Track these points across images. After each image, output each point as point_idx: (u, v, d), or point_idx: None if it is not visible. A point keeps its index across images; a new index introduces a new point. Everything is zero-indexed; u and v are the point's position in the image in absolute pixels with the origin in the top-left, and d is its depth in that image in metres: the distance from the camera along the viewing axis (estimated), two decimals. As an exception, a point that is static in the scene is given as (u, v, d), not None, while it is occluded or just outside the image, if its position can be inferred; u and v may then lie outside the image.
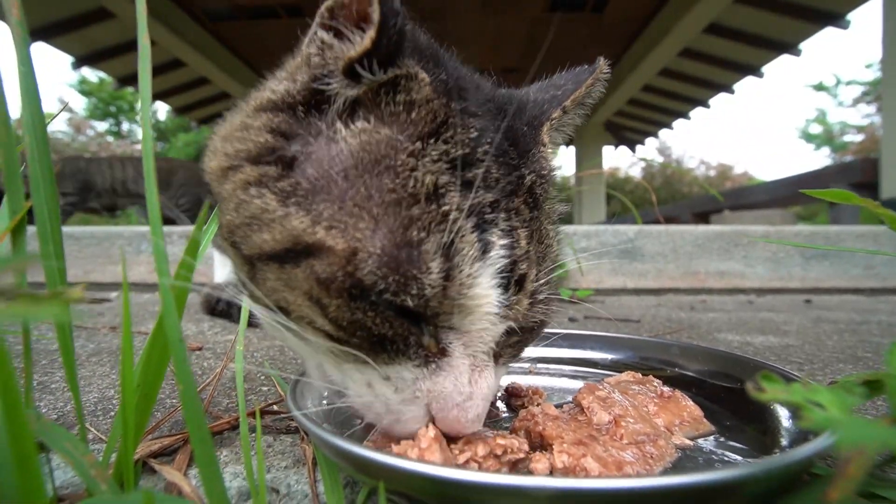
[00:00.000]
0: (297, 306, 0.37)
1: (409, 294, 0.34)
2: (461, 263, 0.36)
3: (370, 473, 0.32)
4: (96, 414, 0.56)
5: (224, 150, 0.41)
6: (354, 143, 0.38)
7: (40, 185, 0.38)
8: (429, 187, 0.36)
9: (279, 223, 0.36)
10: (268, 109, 0.41)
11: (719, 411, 0.51)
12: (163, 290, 0.33)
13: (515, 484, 0.25)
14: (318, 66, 0.40)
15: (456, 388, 0.37)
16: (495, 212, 0.38)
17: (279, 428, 0.51)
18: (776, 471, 0.25)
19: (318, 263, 0.35)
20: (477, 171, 0.38)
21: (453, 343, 0.38)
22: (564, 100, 0.50)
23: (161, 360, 0.36)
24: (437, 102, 0.38)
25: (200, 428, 0.31)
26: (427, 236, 0.35)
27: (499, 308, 0.37)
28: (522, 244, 0.39)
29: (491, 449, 0.34)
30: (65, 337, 0.35)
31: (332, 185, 0.37)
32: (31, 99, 0.38)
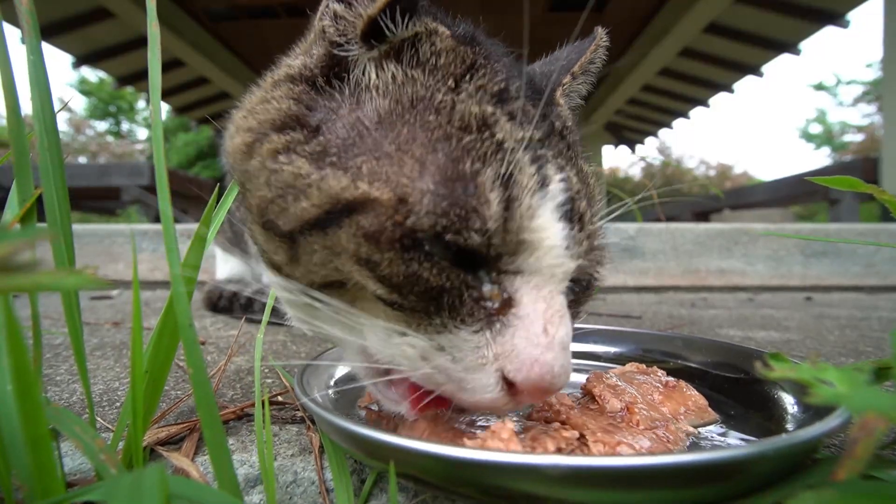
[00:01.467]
0: (349, 273, 0.35)
1: (470, 230, 0.32)
2: (521, 195, 0.33)
3: (380, 456, 0.32)
4: (101, 405, 0.56)
5: (246, 125, 0.40)
6: (385, 92, 0.37)
7: (50, 174, 0.38)
8: (477, 117, 0.35)
9: (315, 186, 0.34)
10: (287, 81, 0.41)
11: (724, 401, 0.51)
12: (173, 273, 0.33)
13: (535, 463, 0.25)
14: (335, 35, 0.39)
15: (530, 342, 0.32)
16: (546, 148, 0.37)
17: (285, 418, 0.51)
18: (786, 449, 0.26)
19: (363, 218, 0.33)
20: (517, 105, 0.37)
21: (521, 289, 0.34)
22: (572, 66, 0.50)
23: (170, 345, 0.36)
24: (462, 49, 0.39)
25: (211, 410, 0.31)
26: (483, 166, 0.33)
27: (566, 242, 0.34)
28: (575, 181, 0.37)
29: (558, 444, 0.33)
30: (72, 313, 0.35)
31: (367, 138, 0.35)
32: (41, 88, 0.39)
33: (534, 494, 0.27)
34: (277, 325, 1.09)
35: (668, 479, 0.25)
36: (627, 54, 6.14)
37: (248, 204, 0.40)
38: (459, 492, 0.30)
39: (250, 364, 0.75)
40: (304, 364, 0.50)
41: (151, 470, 0.21)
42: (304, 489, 0.40)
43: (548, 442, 0.34)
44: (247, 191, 0.39)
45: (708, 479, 0.26)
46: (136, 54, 6.11)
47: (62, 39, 5.60)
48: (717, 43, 5.73)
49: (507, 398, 0.33)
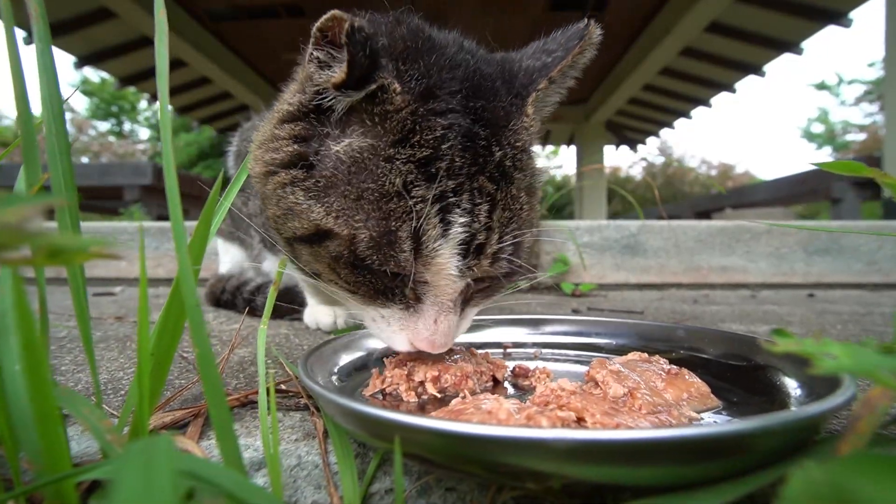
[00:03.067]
0: (324, 272, 0.52)
1: (389, 265, 0.47)
2: (427, 241, 0.47)
3: (384, 435, 0.32)
4: (106, 393, 0.56)
5: (263, 158, 0.54)
6: (347, 153, 0.49)
7: (57, 158, 0.38)
8: (398, 186, 0.47)
9: (305, 214, 0.49)
10: (289, 120, 0.53)
11: (727, 388, 0.51)
12: (179, 254, 0.33)
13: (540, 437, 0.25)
14: (318, 82, 0.49)
15: (425, 326, 0.51)
16: (458, 194, 0.48)
17: (288, 405, 0.52)
18: (790, 423, 0.26)
19: (331, 244, 0.49)
20: (440, 164, 0.47)
21: (426, 294, 0.51)
22: (552, 69, 0.56)
23: (176, 327, 0.36)
24: (406, 111, 0.48)
25: (216, 389, 0.31)
26: (401, 224, 0.46)
27: (457, 270, 0.48)
28: (482, 218, 0.49)
29: (553, 423, 0.34)
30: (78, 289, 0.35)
31: (339, 183, 0.49)
32: (48, 74, 0.39)
33: (539, 471, 0.28)
34: (280, 320, 1.09)
35: (673, 454, 0.25)
36: (628, 54, 6.14)
37: (267, 214, 0.55)
38: (464, 470, 0.30)
39: (253, 355, 0.75)
40: (307, 352, 0.51)
41: (161, 440, 0.21)
42: (308, 472, 0.40)
43: (543, 421, 0.34)
44: (266, 205, 0.55)
45: (713, 453, 0.26)
46: (139, 54, 6.12)
47: (64, 40, 5.61)
48: (718, 42, 5.72)
49: (411, 347, 0.52)
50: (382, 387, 0.52)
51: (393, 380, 0.52)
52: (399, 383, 0.52)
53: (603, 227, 2.20)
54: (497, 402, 0.34)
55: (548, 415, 0.35)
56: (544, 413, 0.35)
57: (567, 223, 2.17)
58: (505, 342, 0.74)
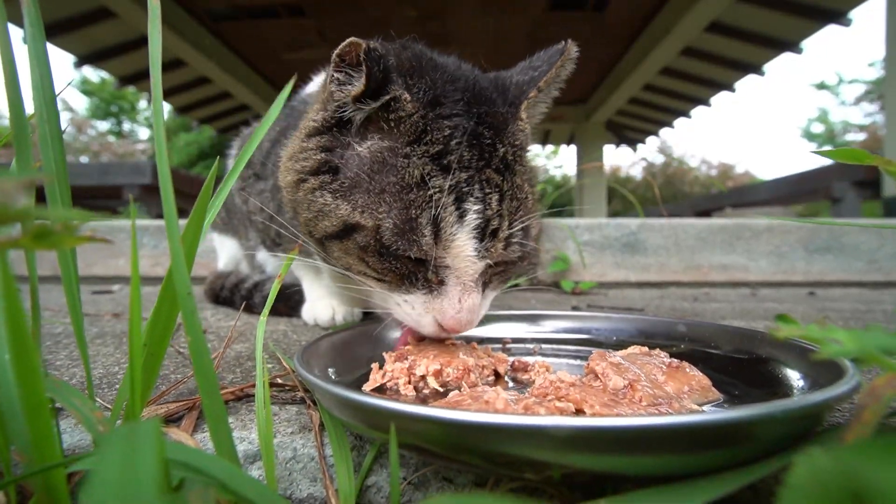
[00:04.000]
0: (354, 264, 0.58)
1: (412, 250, 0.53)
2: (445, 227, 0.52)
3: (380, 425, 0.31)
4: (101, 387, 0.56)
5: (294, 167, 0.61)
6: (368, 154, 0.56)
7: (49, 146, 0.38)
8: (417, 178, 0.53)
9: (333, 213, 0.56)
10: (315, 134, 0.61)
11: (728, 381, 0.50)
12: (172, 243, 0.33)
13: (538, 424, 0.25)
14: (338, 99, 0.57)
15: (451, 305, 0.55)
16: (470, 185, 0.54)
17: (284, 399, 0.51)
18: (794, 411, 0.25)
19: (359, 236, 0.55)
20: (451, 157, 0.54)
21: (448, 276, 0.55)
22: (539, 81, 0.64)
23: (169, 317, 0.35)
24: (417, 116, 0.56)
25: (209, 379, 0.31)
26: (421, 212, 0.52)
27: (475, 252, 0.54)
28: (494, 205, 0.55)
29: (550, 413, 0.33)
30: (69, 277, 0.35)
31: (363, 181, 0.55)
32: (40, 62, 0.38)
33: (537, 460, 0.27)
34: (278, 316, 1.08)
35: (674, 442, 0.25)
36: (628, 54, 6.13)
37: (299, 220, 0.62)
38: (462, 460, 0.30)
39: (250, 351, 0.75)
40: (304, 345, 0.50)
41: (147, 424, 0.20)
42: (304, 465, 0.40)
43: (540, 411, 0.34)
44: (297, 212, 0.61)
45: (715, 442, 0.25)
46: (138, 54, 6.11)
47: (64, 39, 5.60)
48: (718, 42, 5.71)
49: (439, 330, 0.57)
50: (383, 381, 0.51)
51: (394, 374, 0.52)
52: (400, 377, 0.51)
53: (603, 225, 2.20)
54: (495, 392, 0.33)
55: (546, 405, 0.34)
56: (542, 403, 0.34)
57: (567, 221, 2.17)
58: (504, 338, 0.74)
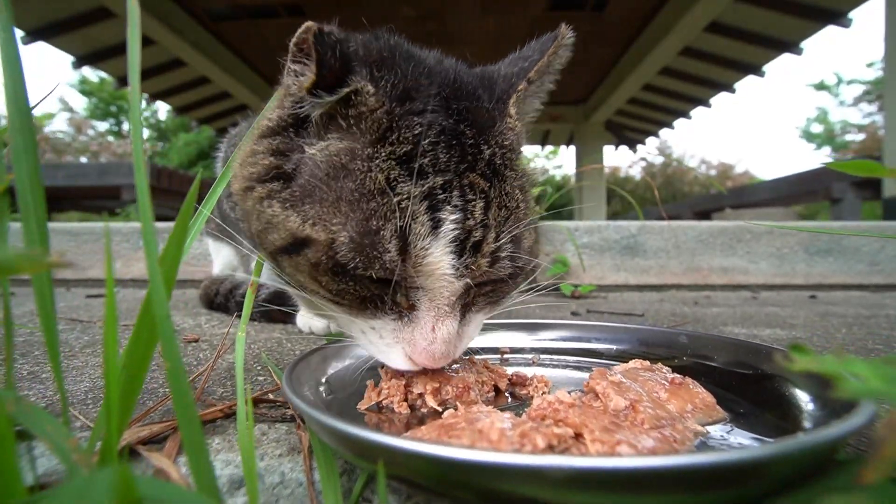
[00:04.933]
0: (306, 282, 0.49)
1: (374, 269, 0.44)
2: (415, 240, 0.44)
3: (369, 456, 0.30)
4: (86, 403, 0.54)
5: (242, 174, 0.53)
6: (324, 156, 0.48)
7: (22, 157, 0.36)
8: (381, 183, 0.45)
9: (282, 224, 0.48)
10: (268, 135, 0.52)
11: (733, 399, 0.49)
12: (150, 265, 0.31)
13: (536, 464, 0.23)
14: (294, 93, 0.49)
15: (422, 335, 0.47)
16: (448, 191, 0.46)
17: (274, 416, 0.49)
18: (810, 448, 0.24)
19: (310, 252, 0.46)
20: (423, 160, 0.46)
21: (420, 299, 0.47)
22: (529, 71, 0.56)
23: (149, 340, 0.34)
24: (382, 111, 0.47)
25: (187, 408, 0.29)
26: (384, 223, 0.44)
27: (453, 270, 0.45)
28: (477, 214, 0.46)
29: (549, 441, 0.31)
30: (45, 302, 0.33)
31: (316, 190, 0.47)
32: (12, 66, 0.36)
33: (534, 498, 0.25)
34: (273, 323, 1.07)
35: (680, 482, 0.23)
36: (627, 54, 6.11)
37: (250, 230, 0.53)
38: (455, 494, 0.28)
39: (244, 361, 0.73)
40: (293, 361, 0.48)
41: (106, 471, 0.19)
42: (292, 491, 0.38)
43: (538, 438, 0.32)
44: (248, 222, 0.53)
45: (724, 481, 0.24)
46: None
47: (63, 39, 5.58)
48: (718, 42, 5.70)
49: (410, 365, 0.48)
50: (378, 399, 0.50)
51: (390, 392, 0.50)
52: (395, 395, 0.49)
53: (602, 227, 2.18)
54: (490, 419, 0.32)
55: (543, 431, 0.32)
56: (539, 430, 0.32)
57: (566, 224, 2.15)
58: (502, 347, 0.72)
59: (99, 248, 2.19)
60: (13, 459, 0.26)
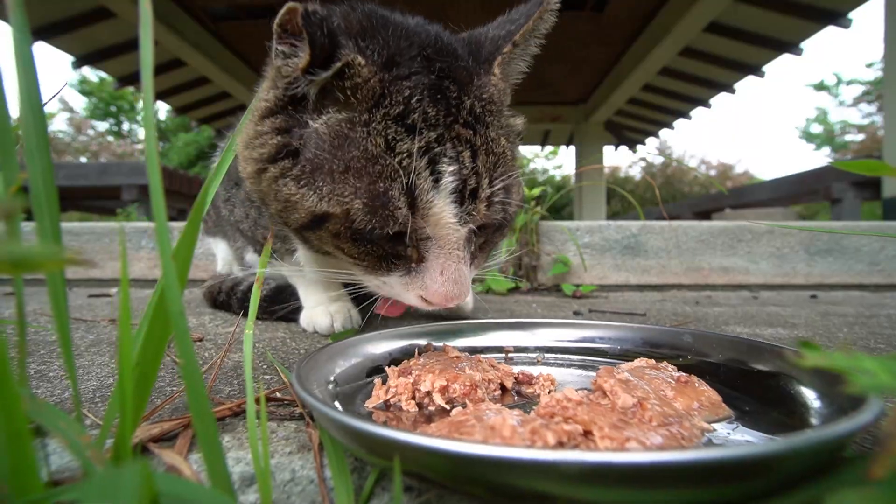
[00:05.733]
0: (331, 251, 0.56)
1: (388, 227, 0.50)
2: (421, 194, 0.49)
3: (382, 453, 0.30)
4: (94, 401, 0.54)
5: (251, 156, 0.55)
6: (326, 130, 0.51)
7: (35, 157, 0.36)
8: (381, 146, 0.49)
9: (300, 204, 0.52)
10: (268, 115, 0.55)
11: (738, 397, 0.49)
12: (164, 259, 0.31)
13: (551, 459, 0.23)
14: (287, 74, 0.51)
15: (432, 279, 0.53)
16: (441, 144, 0.50)
17: (283, 415, 0.50)
18: (820, 444, 0.24)
19: (329, 224, 0.52)
20: (414, 116, 0.50)
21: (430, 249, 0.53)
22: (515, 34, 0.60)
23: (161, 336, 0.34)
24: (374, 80, 0.51)
25: (202, 403, 0.29)
26: (392, 183, 0.48)
27: (456, 218, 0.50)
28: (468, 163, 0.51)
29: (559, 437, 0.32)
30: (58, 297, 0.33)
31: (324, 163, 0.51)
32: (26, 67, 0.37)
33: (546, 493, 0.26)
34: (277, 322, 1.07)
35: (692, 477, 0.23)
36: (627, 54, 6.12)
37: (270, 211, 0.57)
38: (467, 490, 0.28)
39: (248, 361, 0.73)
40: (301, 358, 0.49)
41: (132, 467, 0.19)
42: (303, 488, 0.38)
43: (548, 435, 0.32)
44: (265, 203, 0.57)
45: (734, 476, 0.24)
46: (137, 54, 6.07)
47: (62, 39, 5.58)
48: (717, 42, 5.70)
49: (424, 304, 0.56)
50: (386, 398, 0.50)
51: (398, 390, 0.50)
52: (403, 393, 0.49)
53: (603, 227, 2.19)
54: (500, 416, 0.32)
55: (553, 428, 0.33)
56: (550, 427, 0.33)
57: (567, 224, 2.15)
58: (506, 346, 0.72)
59: (100, 247, 2.19)
60: (31, 455, 0.26)
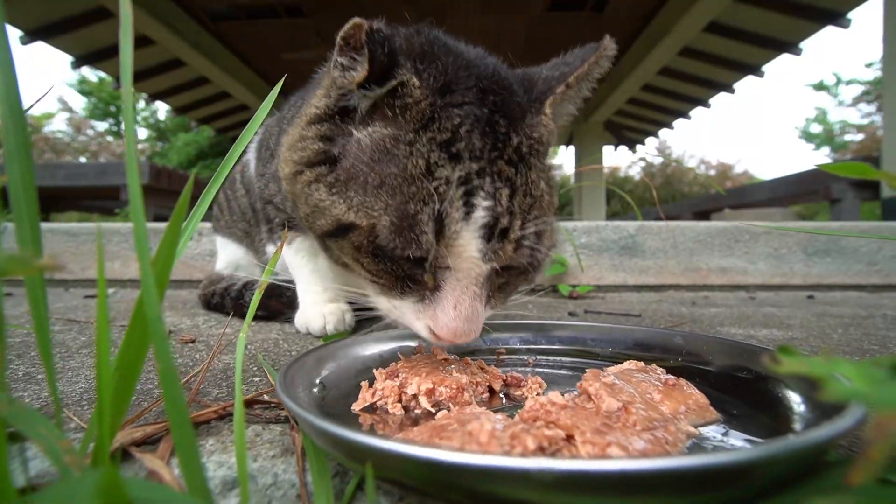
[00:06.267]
0: (350, 263, 0.55)
1: (411, 248, 0.48)
2: (450, 223, 0.48)
3: (358, 458, 0.30)
4: (81, 404, 0.54)
5: (291, 158, 0.57)
6: (369, 142, 0.52)
7: (14, 159, 0.36)
8: (421, 167, 0.48)
9: (328, 210, 0.52)
10: (315, 122, 0.56)
11: (727, 400, 0.49)
12: (143, 267, 0.31)
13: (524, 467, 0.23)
14: (342, 85, 0.53)
15: (444, 312, 0.50)
16: (481, 177, 0.49)
17: (269, 417, 0.49)
18: (798, 451, 0.24)
19: (353, 235, 0.51)
20: (460, 145, 0.49)
21: (447, 279, 0.51)
22: (569, 76, 0.60)
23: (141, 342, 0.34)
24: (425, 103, 0.51)
25: (180, 411, 0.29)
26: (423, 207, 0.47)
27: (480, 254, 0.49)
28: (504, 202, 0.50)
29: (539, 442, 0.32)
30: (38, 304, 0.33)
31: (359, 174, 0.51)
32: (3, 66, 0.36)
33: (525, 500, 0.25)
34: (271, 323, 1.07)
35: (668, 484, 0.23)
36: (627, 54, 6.11)
37: (299, 214, 0.58)
38: (446, 496, 0.28)
39: (239, 362, 0.73)
40: (288, 363, 0.48)
41: (89, 474, 0.19)
42: (284, 492, 0.38)
43: (528, 440, 0.32)
44: (297, 206, 0.57)
45: (712, 483, 0.24)
46: (136, 54, 6.05)
47: (61, 39, 5.58)
48: (717, 42, 5.70)
49: (432, 336, 0.53)
50: (373, 400, 0.49)
51: (384, 393, 0.50)
52: (390, 397, 0.49)
53: (601, 227, 2.18)
54: (479, 421, 0.32)
55: (534, 433, 0.33)
56: (531, 431, 0.33)
57: (565, 224, 2.15)
58: (498, 348, 0.72)
59: (96, 248, 2.19)
60: (3, 461, 0.26)
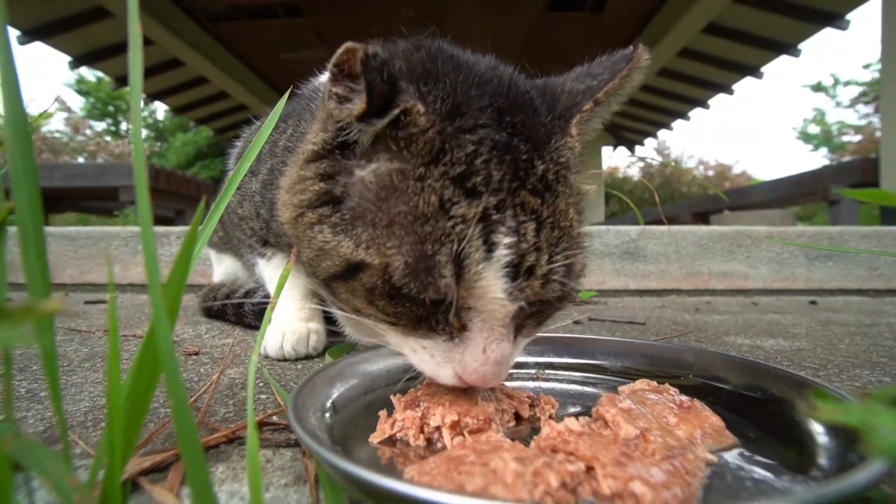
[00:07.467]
0: (362, 307, 0.49)
1: (429, 292, 0.43)
2: (470, 265, 0.43)
3: (378, 498, 0.29)
4: (86, 425, 0.53)
5: (291, 202, 0.52)
6: (374, 178, 0.47)
7: (21, 183, 0.35)
8: (434, 205, 0.43)
9: (335, 250, 0.47)
10: (314, 159, 0.51)
11: (741, 422, 0.48)
12: (153, 297, 0.30)
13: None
14: (339, 119, 0.47)
15: (473, 357, 0.46)
16: (501, 211, 0.44)
17: (279, 441, 0.49)
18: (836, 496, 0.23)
19: (364, 276, 0.46)
20: (476, 179, 0.44)
21: (473, 320, 0.46)
22: (598, 92, 0.54)
23: (153, 372, 0.33)
24: (433, 131, 0.45)
25: (193, 447, 0.29)
26: (439, 248, 0.43)
27: (505, 294, 0.44)
28: (529, 237, 0.45)
29: (562, 479, 0.31)
30: (49, 351, 0.32)
31: (367, 212, 0.46)
32: (10, 87, 0.36)
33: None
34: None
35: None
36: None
37: (302, 258, 0.53)
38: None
39: (244, 377, 0.72)
40: (298, 387, 0.47)
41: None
42: (298, 524, 0.37)
43: (551, 477, 0.32)
44: (300, 249, 0.52)
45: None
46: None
47: (60, 39, 5.55)
48: (716, 43, 5.71)
49: (459, 382, 0.48)
50: (392, 432, 0.47)
51: (404, 424, 0.47)
52: (411, 429, 0.46)
53: (602, 232, 2.18)
54: (502, 458, 0.31)
55: (556, 468, 0.32)
56: (552, 467, 0.32)
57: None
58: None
59: (97, 251, 2.18)
60: (8, 494, 0.25)
